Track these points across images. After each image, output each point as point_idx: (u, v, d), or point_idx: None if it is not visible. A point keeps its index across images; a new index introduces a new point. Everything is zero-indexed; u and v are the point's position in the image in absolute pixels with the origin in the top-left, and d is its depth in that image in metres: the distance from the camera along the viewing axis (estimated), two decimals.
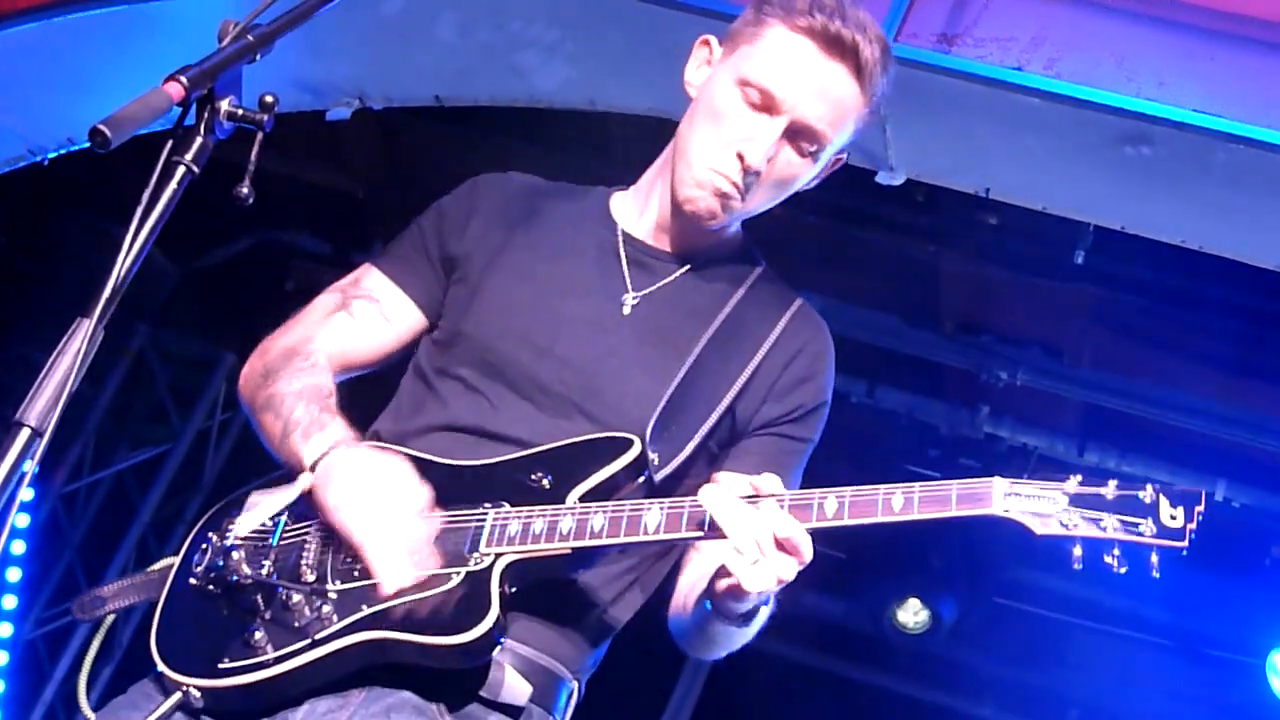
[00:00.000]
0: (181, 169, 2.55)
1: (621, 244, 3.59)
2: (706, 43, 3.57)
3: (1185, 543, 2.84)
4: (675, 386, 3.39)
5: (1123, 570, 2.88)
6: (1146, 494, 2.89)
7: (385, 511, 3.16)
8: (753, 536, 2.96)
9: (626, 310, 3.50)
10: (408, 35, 6.35)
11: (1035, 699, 10.06)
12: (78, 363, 2.40)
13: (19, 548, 10.02)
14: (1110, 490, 2.91)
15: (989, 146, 5.78)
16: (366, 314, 3.62)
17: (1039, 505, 2.93)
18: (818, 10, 3.37)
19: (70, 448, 10.44)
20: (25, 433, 2.35)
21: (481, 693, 3.21)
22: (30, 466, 2.36)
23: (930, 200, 7.58)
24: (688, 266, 3.57)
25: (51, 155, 7.22)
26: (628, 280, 3.54)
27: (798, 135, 3.40)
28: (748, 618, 3.19)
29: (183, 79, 2.52)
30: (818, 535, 3.00)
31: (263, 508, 3.30)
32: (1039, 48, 5.32)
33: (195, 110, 2.59)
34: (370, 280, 3.67)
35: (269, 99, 2.66)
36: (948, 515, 2.97)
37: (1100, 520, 2.89)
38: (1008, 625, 9.84)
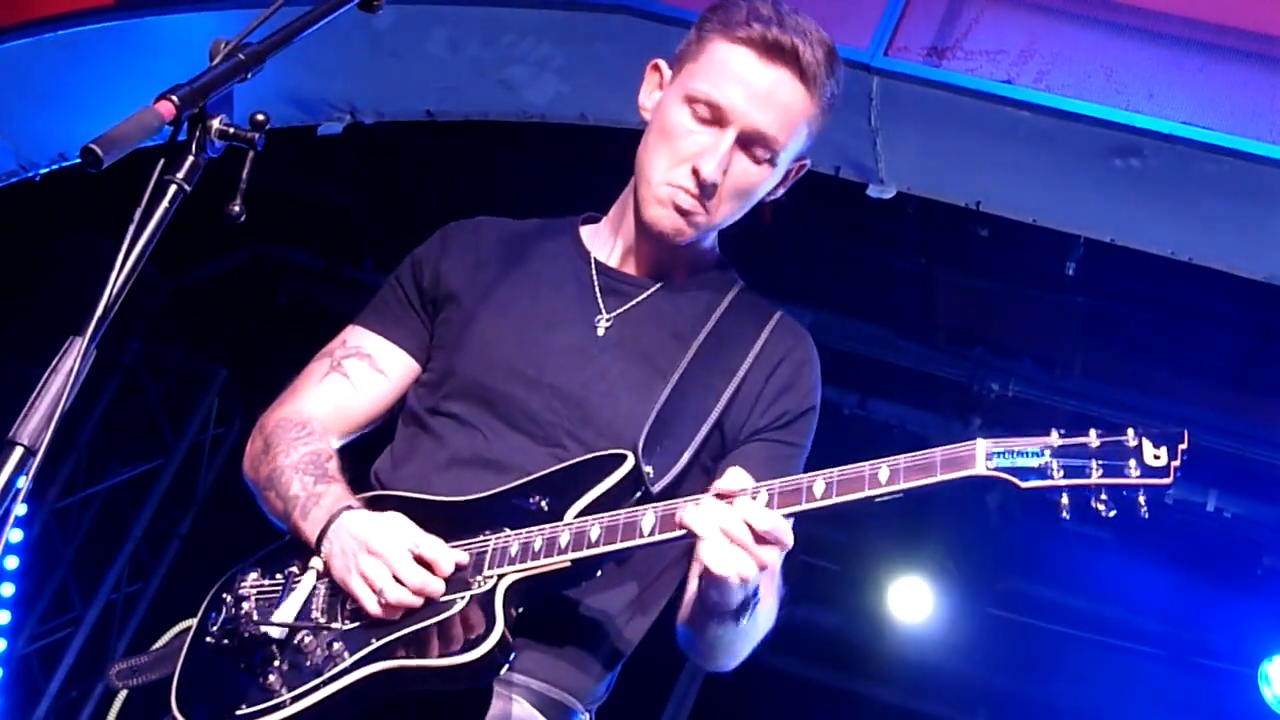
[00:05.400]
0: (173, 187, 2.56)
1: (594, 273, 3.63)
2: (657, 67, 3.63)
3: (1170, 479, 2.86)
4: (662, 403, 3.42)
5: (1111, 514, 2.89)
6: (1129, 438, 2.91)
7: (381, 570, 3.19)
8: (715, 525, 3.01)
9: (600, 332, 3.53)
10: (399, 51, 6.37)
11: (1029, 709, 10.06)
12: (70, 381, 2.40)
13: (12, 563, 10.04)
14: (1093, 439, 2.93)
15: (979, 159, 5.80)
16: (359, 371, 3.64)
17: (1022, 461, 2.96)
18: (755, 20, 3.42)
19: (63, 463, 10.41)
20: (19, 450, 2.36)
21: None
22: (24, 483, 2.37)
23: (921, 213, 7.60)
24: (659, 285, 3.61)
25: (44, 171, 7.24)
26: (601, 304, 3.57)
27: (750, 143, 3.44)
28: (739, 613, 3.18)
29: (174, 98, 2.53)
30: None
31: (296, 595, 3.31)
32: (1028, 60, 5.34)
33: (187, 128, 2.60)
34: (356, 338, 3.70)
35: (260, 117, 2.66)
36: (934, 481, 3.00)
37: (1085, 467, 2.91)
38: (1002, 636, 9.85)
